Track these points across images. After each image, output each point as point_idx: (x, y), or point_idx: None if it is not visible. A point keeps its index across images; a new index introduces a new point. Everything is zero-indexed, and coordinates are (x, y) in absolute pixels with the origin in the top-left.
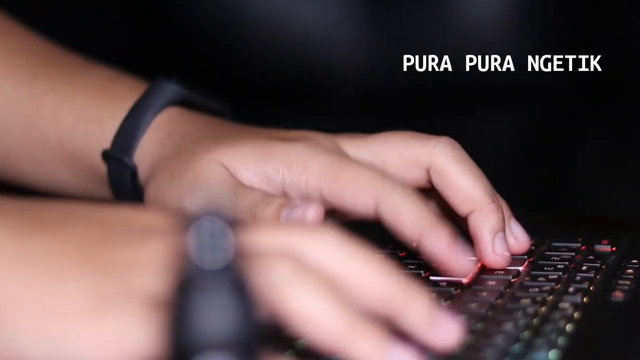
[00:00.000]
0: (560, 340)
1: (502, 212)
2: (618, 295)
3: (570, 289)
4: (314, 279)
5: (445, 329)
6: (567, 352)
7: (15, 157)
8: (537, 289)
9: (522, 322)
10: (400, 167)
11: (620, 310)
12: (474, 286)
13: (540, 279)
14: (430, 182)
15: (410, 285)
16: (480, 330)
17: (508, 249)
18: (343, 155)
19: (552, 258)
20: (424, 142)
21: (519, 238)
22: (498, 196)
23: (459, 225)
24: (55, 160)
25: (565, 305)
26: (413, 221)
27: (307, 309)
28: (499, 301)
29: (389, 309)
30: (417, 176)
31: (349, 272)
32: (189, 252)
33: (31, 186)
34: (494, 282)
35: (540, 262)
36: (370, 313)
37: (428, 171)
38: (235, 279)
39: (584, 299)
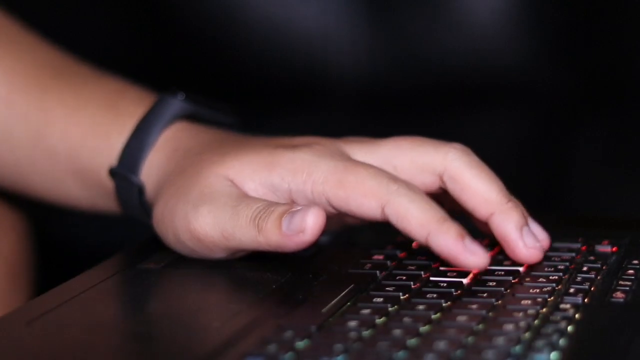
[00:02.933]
0: (561, 341)
1: (522, 208)
2: (619, 295)
3: (571, 290)
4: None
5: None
6: (568, 353)
7: (25, 169)
8: (537, 290)
9: (522, 323)
10: (411, 172)
11: (621, 311)
12: (475, 287)
13: (540, 279)
14: (441, 187)
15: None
16: (481, 332)
17: (538, 240)
18: (348, 159)
19: (553, 259)
20: (437, 149)
21: (538, 236)
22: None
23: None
24: (65, 174)
25: (566, 306)
26: (419, 221)
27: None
28: (499, 302)
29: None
30: (429, 181)
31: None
32: None
33: (40, 199)
34: (494, 283)
35: (541, 262)
36: None
37: (441, 177)
38: None
39: (585, 300)
